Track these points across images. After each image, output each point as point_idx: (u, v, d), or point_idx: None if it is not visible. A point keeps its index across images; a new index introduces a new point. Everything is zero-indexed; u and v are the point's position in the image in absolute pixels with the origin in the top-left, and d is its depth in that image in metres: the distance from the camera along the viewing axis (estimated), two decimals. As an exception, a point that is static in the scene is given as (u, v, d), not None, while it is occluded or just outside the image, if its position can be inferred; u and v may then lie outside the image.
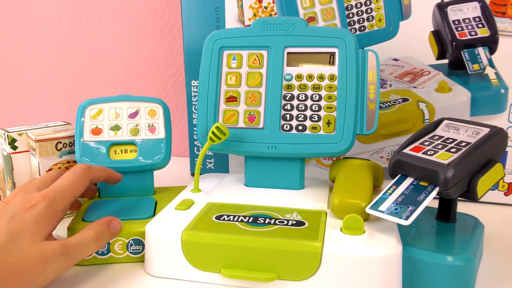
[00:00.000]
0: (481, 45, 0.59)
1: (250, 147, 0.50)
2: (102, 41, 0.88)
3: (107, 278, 0.44)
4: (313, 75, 0.50)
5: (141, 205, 0.50)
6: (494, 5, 0.57)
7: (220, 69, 0.52)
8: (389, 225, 0.42)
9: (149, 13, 0.84)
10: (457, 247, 0.41)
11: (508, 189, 0.61)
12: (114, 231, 0.44)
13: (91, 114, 0.54)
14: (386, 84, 0.62)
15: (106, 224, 0.43)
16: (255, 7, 0.63)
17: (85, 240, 0.41)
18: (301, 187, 0.52)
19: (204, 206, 0.48)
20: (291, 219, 0.44)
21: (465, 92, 0.60)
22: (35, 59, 0.94)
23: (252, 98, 0.51)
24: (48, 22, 0.91)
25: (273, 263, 0.40)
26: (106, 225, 0.43)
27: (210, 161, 0.72)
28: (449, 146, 0.43)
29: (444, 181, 0.39)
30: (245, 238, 0.41)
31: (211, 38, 0.52)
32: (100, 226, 0.43)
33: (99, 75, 0.91)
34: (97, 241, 0.42)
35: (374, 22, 0.61)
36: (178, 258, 0.42)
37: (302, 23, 0.50)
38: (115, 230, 0.44)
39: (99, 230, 0.42)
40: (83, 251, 0.41)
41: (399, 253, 0.40)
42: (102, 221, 0.43)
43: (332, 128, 0.49)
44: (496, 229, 0.53)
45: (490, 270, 0.44)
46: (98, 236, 0.42)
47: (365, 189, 0.45)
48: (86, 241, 0.41)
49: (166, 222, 0.44)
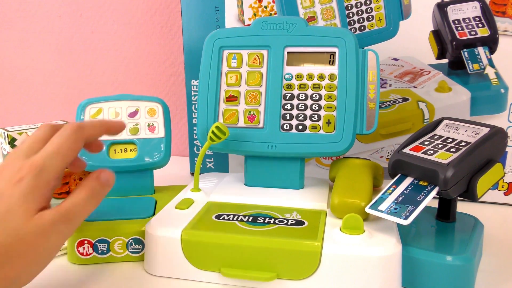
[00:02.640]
0: (481, 44, 0.59)
1: (250, 146, 0.50)
2: (102, 40, 0.88)
3: (107, 278, 0.44)
4: (313, 74, 0.50)
5: (141, 204, 0.50)
6: (494, 4, 0.57)
7: (220, 68, 0.52)
8: (388, 225, 0.43)
9: (149, 12, 0.84)
10: (457, 247, 0.41)
11: (508, 189, 0.61)
12: (106, 182, 0.39)
13: (91, 113, 0.54)
14: (386, 83, 0.62)
15: (96, 179, 0.39)
16: (255, 7, 0.63)
17: (79, 200, 0.37)
18: (301, 187, 0.52)
19: (204, 206, 0.48)
20: (290, 219, 0.44)
21: (465, 92, 0.60)
22: (35, 59, 0.94)
23: (252, 97, 0.51)
24: (48, 21, 0.90)
25: (273, 262, 0.40)
26: (97, 179, 0.39)
27: (210, 160, 0.72)
28: (449, 145, 0.43)
29: (443, 180, 0.39)
30: (244, 237, 0.41)
31: (211, 37, 0.52)
32: (90, 182, 0.39)
33: (98, 74, 0.91)
34: (93, 198, 0.38)
35: (374, 21, 0.61)
36: (178, 257, 0.42)
37: (302, 23, 0.50)
38: (107, 182, 0.40)
39: (91, 186, 0.39)
40: (81, 212, 0.38)
41: (398, 252, 0.40)
42: (91, 177, 0.39)
43: (332, 127, 0.49)
44: (495, 229, 0.53)
45: (490, 270, 0.44)
46: (92, 192, 0.38)
47: (365, 189, 0.45)
48: (81, 201, 0.37)
49: (166, 222, 0.44)
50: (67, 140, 0.38)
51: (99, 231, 0.45)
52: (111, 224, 0.46)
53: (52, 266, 0.45)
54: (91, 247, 0.45)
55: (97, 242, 0.45)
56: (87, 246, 0.45)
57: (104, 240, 0.45)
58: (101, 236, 0.45)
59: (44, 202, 0.36)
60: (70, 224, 0.37)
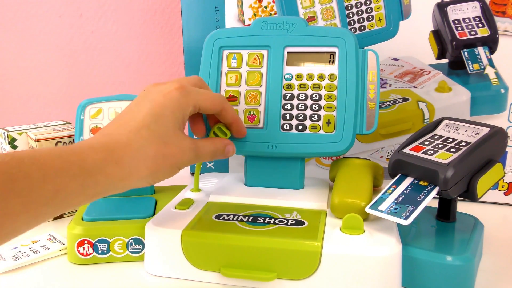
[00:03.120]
0: (481, 44, 0.59)
1: (250, 146, 0.50)
2: (102, 40, 0.88)
3: (107, 278, 0.44)
4: (313, 74, 0.50)
5: (141, 204, 0.50)
6: (494, 4, 0.57)
7: (220, 68, 0.52)
8: (388, 225, 0.42)
9: (149, 12, 0.84)
10: (457, 247, 0.41)
11: (508, 188, 0.61)
12: (227, 153, 0.45)
13: (91, 113, 0.54)
14: (386, 83, 0.62)
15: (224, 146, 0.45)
16: (255, 7, 0.63)
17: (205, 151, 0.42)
18: (301, 187, 0.52)
19: (204, 206, 0.48)
20: (290, 219, 0.44)
21: (465, 92, 0.60)
22: (35, 59, 0.94)
23: (252, 97, 0.51)
24: (48, 21, 0.91)
25: (273, 262, 0.40)
26: (223, 147, 0.45)
27: (210, 160, 0.72)
28: (449, 145, 0.43)
29: (443, 180, 0.39)
30: (244, 237, 0.41)
31: (211, 37, 0.52)
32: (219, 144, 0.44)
33: (98, 74, 0.91)
34: (210, 157, 0.43)
35: (374, 21, 0.61)
36: (178, 258, 0.42)
37: (302, 23, 0.50)
38: (228, 153, 0.45)
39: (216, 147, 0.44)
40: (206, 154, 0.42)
41: (398, 252, 0.40)
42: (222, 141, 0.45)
43: (332, 127, 0.49)
44: (496, 229, 0.53)
45: (490, 270, 0.44)
46: (214, 153, 0.43)
47: (365, 189, 0.45)
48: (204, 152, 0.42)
49: (166, 222, 0.44)
50: (212, 96, 0.43)
51: (99, 231, 0.46)
52: (111, 224, 0.46)
53: (52, 266, 0.45)
54: (91, 247, 0.45)
55: (97, 242, 0.45)
56: (87, 246, 0.45)
57: (104, 240, 0.45)
58: (101, 236, 0.45)
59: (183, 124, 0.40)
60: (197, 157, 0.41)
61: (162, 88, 0.40)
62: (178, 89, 0.39)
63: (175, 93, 0.39)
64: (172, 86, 0.39)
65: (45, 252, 0.47)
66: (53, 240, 0.49)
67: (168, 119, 0.38)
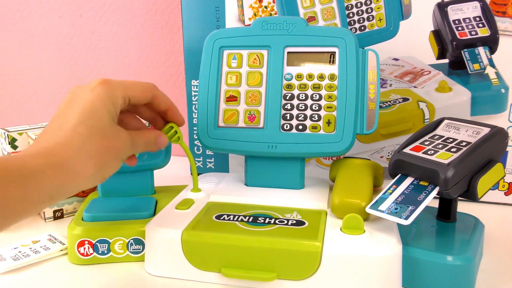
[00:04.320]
0: (482, 44, 0.59)
1: (250, 146, 0.50)
2: (102, 40, 0.88)
3: (107, 278, 0.44)
4: (313, 74, 0.50)
5: (141, 205, 0.50)
6: (494, 4, 0.57)
7: (220, 68, 0.52)
8: (389, 225, 0.42)
9: (149, 12, 0.84)
10: (457, 247, 0.41)
11: (508, 188, 0.61)
12: (159, 145, 0.44)
13: (91, 114, 0.54)
14: (386, 83, 0.62)
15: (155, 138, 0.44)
16: (255, 7, 0.63)
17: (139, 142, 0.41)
18: (301, 187, 0.52)
19: (204, 206, 0.48)
20: (291, 219, 0.44)
21: (466, 92, 0.60)
22: (35, 59, 0.94)
23: (252, 97, 0.51)
24: (48, 21, 0.90)
25: (273, 262, 0.40)
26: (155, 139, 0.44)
27: (210, 160, 0.72)
28: (450, 145, 0.43)
29: (444, 180, 0.39)
30: (245, 237, 0.41)
31: (211, 37, 0.52)
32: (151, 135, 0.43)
33: (99, 74, 0.90)
34: (142, 148, 0.42)
35: (374, 21, 0.61)
36: (178, 258, 0.42)
37: (302, 23, 0.50)
38: (159, 145, 0.44)
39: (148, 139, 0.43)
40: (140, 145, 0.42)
41: (399, 252, 0.40)
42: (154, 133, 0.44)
43: (332, 127, 0.49)
44: (496, 229, 0.53)
45: (490, 270, 0.44)
46: (146, 146, 0.43)
47: (365, 189, 0.45)
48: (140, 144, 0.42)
49: (166, 222, 0.44)
50: (140, 84, 0.42)
51: (100, 232, 0.45)
52: (111, 224, 0.46)
53: (52, 266, 0.45)
54: (91, 248, 0.45)
55: (97, 243, 0.45)
56: (88, 246, 0.45)
57: (104, 240, 0.45)
58: (102, 237, 0.45)
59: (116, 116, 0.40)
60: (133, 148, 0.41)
61: (86, 86, 0.39)
62: (102, 83, 0.39)
63: (101, 87, 0.38)
64: (96, 82, 0.39)
65: (46, 252, 0.47)
66: (53, 240, 0.49)
67: (102, 113, 0.37)
